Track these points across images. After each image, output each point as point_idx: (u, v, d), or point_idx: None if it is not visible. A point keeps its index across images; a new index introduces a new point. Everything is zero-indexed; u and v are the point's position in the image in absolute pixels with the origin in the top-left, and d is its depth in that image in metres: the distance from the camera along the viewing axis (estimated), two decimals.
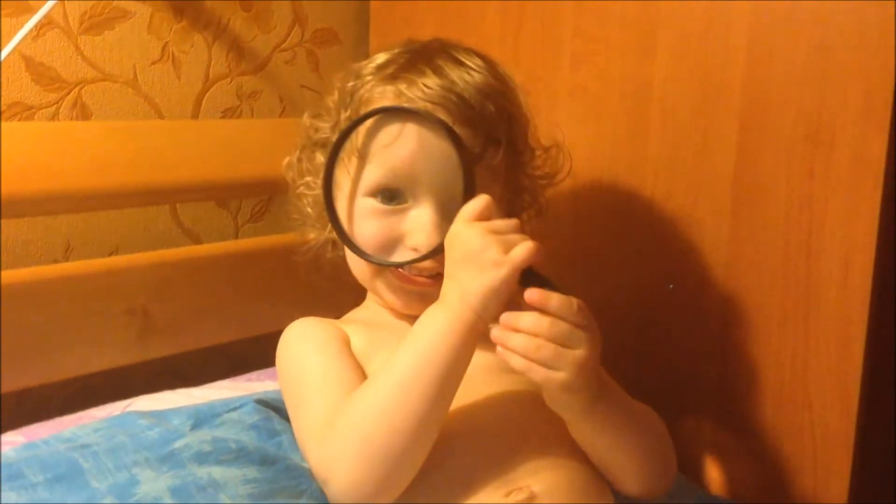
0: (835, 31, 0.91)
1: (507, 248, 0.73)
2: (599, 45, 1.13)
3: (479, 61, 0.88)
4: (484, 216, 0.75)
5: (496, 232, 0.74)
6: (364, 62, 0.91)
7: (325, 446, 0.77)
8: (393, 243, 0.84)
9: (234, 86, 1.44)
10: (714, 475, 1.06)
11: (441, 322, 0.75)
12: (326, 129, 0.92)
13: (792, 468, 0.99)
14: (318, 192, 0.91)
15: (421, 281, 0.86)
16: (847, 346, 0.93)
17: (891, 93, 0.87)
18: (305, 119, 0.96)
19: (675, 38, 1.05)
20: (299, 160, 0.96)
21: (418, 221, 0.83)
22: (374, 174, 0.84)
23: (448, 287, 0.76)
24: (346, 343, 0.87)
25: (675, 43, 1.05)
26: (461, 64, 0.87)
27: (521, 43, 1.23)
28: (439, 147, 0.81)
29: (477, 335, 0.74)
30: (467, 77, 0.85)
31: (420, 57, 0.87)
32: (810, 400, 0.97)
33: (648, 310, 1.12)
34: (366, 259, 0.85)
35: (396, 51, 0.90)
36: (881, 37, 0.87)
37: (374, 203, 0.85)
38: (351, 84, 0.90)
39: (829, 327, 0.95)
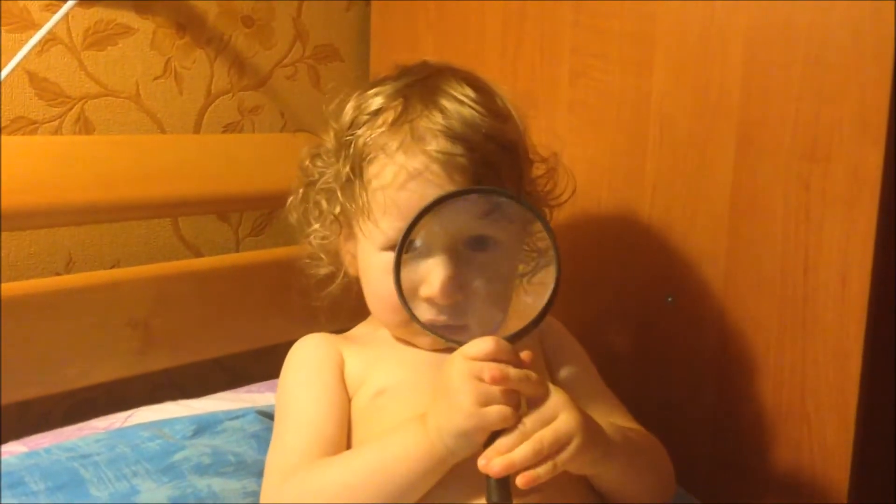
0: (831, 47, 0.92)
1: (484, 401, 0.71)
2: (598, 61, 1.14)
3: (471, 92, 0.86)
4: (486, 358, 0.73)
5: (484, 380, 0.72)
6: (356, 102, 0.89)
7: (273, 495, 0.79)
8: (412, 292, 0.81)
9: (235, 101, 1.45)
10: (712, 487, 1.06)
11: (415, 441, 0.74)
12: (329, 177, 0.90)
13: (790, 482, 0.99)
14: (328, 238, 0.92)
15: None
16: (844, 360, 0.94)
17: (886, 108, 0.88)
18: (304, 159, 0.95)
19: (672, 53, 1.06)
20: (303, 201, 0.95)
21: (431, 271, 0.81)
22: (389, 229, 0.83)
23: (431, 409, 0.75)
24: (339, 371, 0.88)
25: (673, 58, 1.06)
26: (456, 101, 0.84)
27: (520, 58, 1.24)
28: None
29: (445, 466, 0.74)
30: (468, 116, 0.83)
31: (413, 101, 0.85)
32: (808, 414, 0.97)
33: (646, 324, 1.12)
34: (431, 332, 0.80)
35: (388, 90, 0.87)
36: (876, 52, 0.88)
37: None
38: (348, 134, 0.87)
39: (827, 341, 0.95)
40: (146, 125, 1.35)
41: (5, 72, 1.12)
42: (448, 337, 0.77)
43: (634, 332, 1.14)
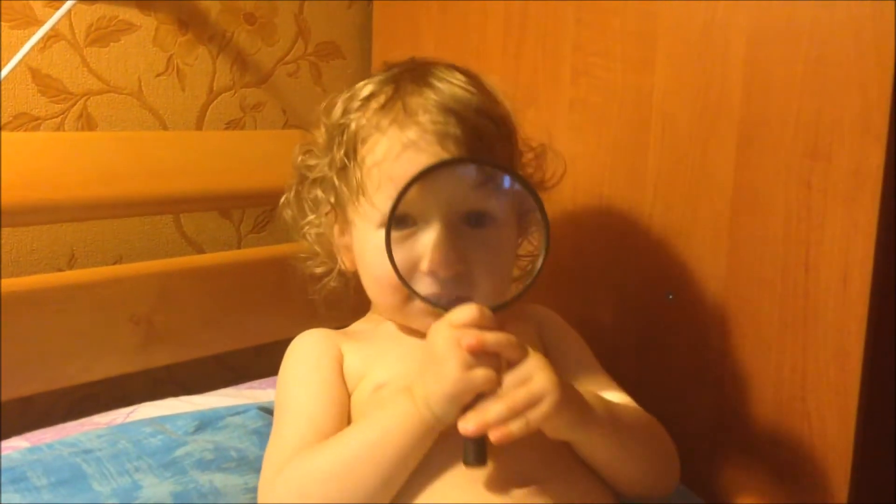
0: (832, 45, 0.92)
1: (470, 365, 0.73)
2: (599, 59, 1.14)
3: (460, 76, 0.87)
4: (470, 324, 0.74)
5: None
6: (347, 95, 0.90)
7: (269, 488, 0.79)
8: (412, 268, 0.82)
9: (237, 98, 1.45)
10: (713, 486, 1.06)
11: (403, 413, 0.76)
12: (323, 166, 0.91)
13: (791, 479, 0.99)
14: (322, 230, 0.93)
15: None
16: (845, 358, 0.94)
17: (888, 106, 0.88)
18: (296, 156, 0.96)
19: (674, 51, 1.06)
20: (297, 196, 0.96)
21: (430, 244, 0.81)
22: (384, 205, 0.81)
23: (417, 379, 0.76)
24: (338, 366, 0.88)
25: (675, 56, 1.06)
26: (447, 81, 0.85)
27: (522, 56, 1.24)
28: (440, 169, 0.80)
29: (434, 434, 0.76)
30: (459, 94, 0.84)
31: (405, 83, 0.86)
32: (808, 411, 0.97)
33: (647, 322, 1.12)
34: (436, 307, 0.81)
35: (378, 79, 0.89)
36: (879, 50, 0.88)
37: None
38: (340, 121, 0.88)
39: (828, 339, 0.95)
40: (148, 122, 1.35)
41: (8, 68, 1.12)
42: (448, 309, 0.77)
43: (635, 330, 1.14)
